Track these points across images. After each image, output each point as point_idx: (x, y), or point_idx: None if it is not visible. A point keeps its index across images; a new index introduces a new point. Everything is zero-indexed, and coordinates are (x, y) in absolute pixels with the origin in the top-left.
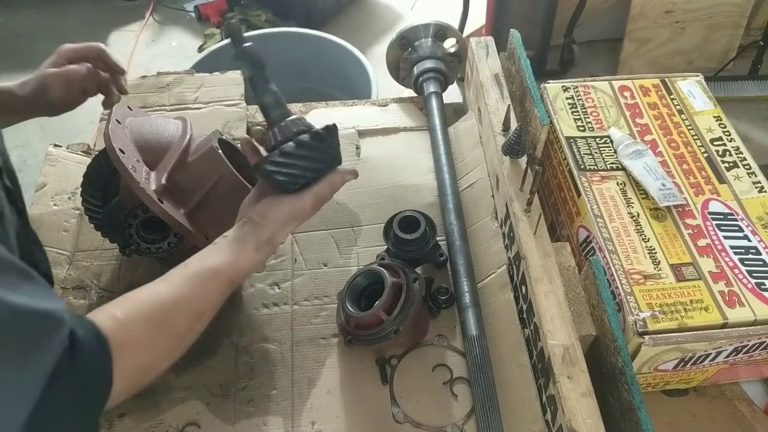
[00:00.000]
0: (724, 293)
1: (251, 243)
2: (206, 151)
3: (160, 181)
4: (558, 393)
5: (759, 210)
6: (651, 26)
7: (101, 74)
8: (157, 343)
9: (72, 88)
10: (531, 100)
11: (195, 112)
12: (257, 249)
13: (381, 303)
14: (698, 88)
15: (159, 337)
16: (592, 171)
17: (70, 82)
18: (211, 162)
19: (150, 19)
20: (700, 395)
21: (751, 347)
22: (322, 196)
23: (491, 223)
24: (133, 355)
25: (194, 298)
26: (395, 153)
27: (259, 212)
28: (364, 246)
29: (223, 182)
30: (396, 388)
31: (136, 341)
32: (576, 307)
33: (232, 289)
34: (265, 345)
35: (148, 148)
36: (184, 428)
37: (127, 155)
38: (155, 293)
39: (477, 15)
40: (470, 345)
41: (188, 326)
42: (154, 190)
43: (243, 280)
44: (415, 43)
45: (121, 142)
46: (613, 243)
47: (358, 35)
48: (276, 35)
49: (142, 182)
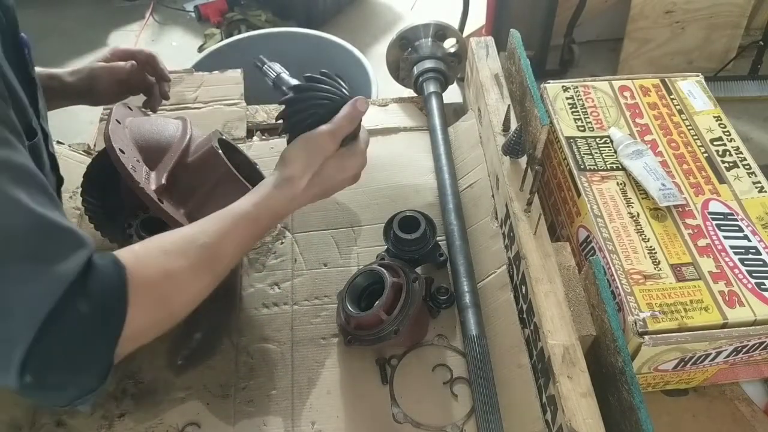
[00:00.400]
0: (724, 293)
1: (270, 182)
2: (206, 151)
3: (160, 181)
4: (558, 393)
5: (759, 210)
6: (651, 26)
7: (147, 77)
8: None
9: (116, 81)
10: (531, 100)
11: (195, 111)
12: (277, 185)
13: (381, 303)
14: (698, 88)
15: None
16: (592, 171)
17: (114, 75)
18: (211, 162)
19: (150, 19)
20: (700, 395)
21: (751, 347)
22: (339, 128)
23: (491, 223)
24: (150, 285)
25: (215, 234)
26: (395, 153)
27: (281, 156)
28: (364, 246)
29: (223, 182)
30: (396, 388)
31: (153, 271)
32: (576, 307)
33: (260, 232)
34: (265, 345)
35: (148, 148)
36: (184, 428)
37: (127, 155)
38: (177, 231)
39: (477, 15)
40: (470, 345)
41: (207, 262)
42: (154, 190)
43: (272, 222)
44: (415, 43)
45: (121, 142)
46: (613, 243)
47: (358, 35)
48: (276, 35)
49: (142, 182)
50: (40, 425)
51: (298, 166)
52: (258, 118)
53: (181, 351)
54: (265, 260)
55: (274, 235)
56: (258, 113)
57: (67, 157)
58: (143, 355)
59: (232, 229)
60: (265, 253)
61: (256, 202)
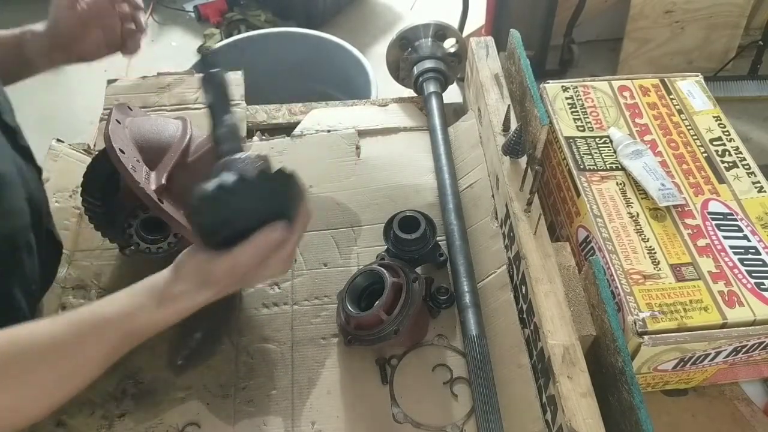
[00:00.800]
0: (724, 293)
1: (156, 295)
2: (206, 151)
3: (160, 181)
4: (558, 393)
5: (758, 210)
6: (651, 26)
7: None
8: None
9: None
10: (531, 100)
11: (195, 112)
12: (160, 304)
13: (381, 303)
14: (698, 88)
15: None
16: (592, 171)
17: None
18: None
19: (150, 19)
20: (699, 395)
21: (750, 347)
22: (242, 263)
23: (491, 223)
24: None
25: (71, 346)
26: (395, 153)
27: (179, 259)
28: (364, 246)
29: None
30: (396, 388)
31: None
32: (576, 307)
33: (131, 343)
34: (265, 345)
35: (148, 148)
36: (184, 428)
37: (127, 155)
38: (31, 334)
39: (477, 15)
40: (470, 345)
41: (57, 376)
42: (154, 190)
43: (147, 335)
44: (415, 43)
45: (121, 142)
46: (612, 243)
47: (358, 35)
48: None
49: (142, 182)
50: (40, 425)
51: (188, 288)
52: (258, 118)
53: (181, 351)
54: None
55: None
56: (258, 113)
57: (67, 156)
58: (143, 355)
59: (99, 343)
60: None
61: (134, 318)
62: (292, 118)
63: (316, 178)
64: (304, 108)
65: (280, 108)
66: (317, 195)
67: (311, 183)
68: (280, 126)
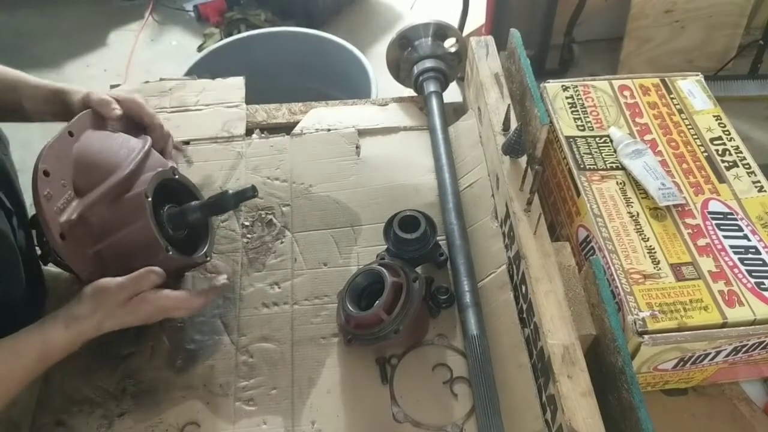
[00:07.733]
0: (724, 293)
1: (63, 317)
2: (134, 195)
3: (71, 215)
4: (558, 392)
5: (759, 209)
6: (651, 25)
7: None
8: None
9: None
10: (531, 99)
11: (195, 113)
12: (67, 325)
13: (381, 303)
14: (698, 87)
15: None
16: (592, 170)
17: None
18: (133, 208)
19: (149, 18)
20: (699, 395)
21: (750, 347)
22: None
23: (491, 222)
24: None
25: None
26: (395, 153)
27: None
28: (364, 246)
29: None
30: (396, 388)
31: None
32: (576, 306)
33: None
34: (265, 344)
35: (86, 170)
36: (184, 428)
37: (51, 177)
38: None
39: (477, 14)
40: (470, 344)
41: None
42: (60, 223)
43: (59, 357)
44: (415, 42)
45: (53, 161)
46: (612, 243)
47: (358, 35)
48: (276, 35)
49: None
50: (40, 424)
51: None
52: (258, 118)
53: (181, 351)
54: (264, 260)
55: (274, 234)
56: (258, 113)
57: None
58: (143, 354)
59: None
60: (265, 253)
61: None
62: (292, 117)
63: (315, 177)
64: (304, 107)
65: (280, 107)
66: (317, 194)
67: (311, 182)
68: (280, 125)
